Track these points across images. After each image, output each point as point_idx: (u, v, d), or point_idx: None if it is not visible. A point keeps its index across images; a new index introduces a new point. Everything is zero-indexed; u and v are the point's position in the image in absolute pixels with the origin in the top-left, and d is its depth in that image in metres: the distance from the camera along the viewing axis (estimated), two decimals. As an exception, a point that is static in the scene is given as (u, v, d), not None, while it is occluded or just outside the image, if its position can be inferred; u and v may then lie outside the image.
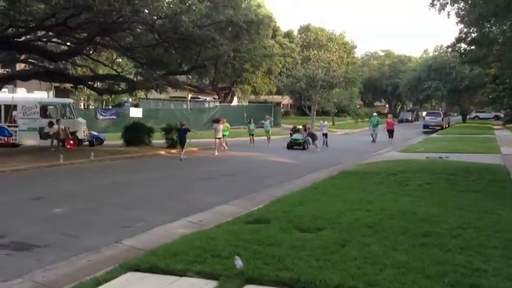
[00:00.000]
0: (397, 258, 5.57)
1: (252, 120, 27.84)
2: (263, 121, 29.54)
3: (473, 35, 21.78)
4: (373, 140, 28.97)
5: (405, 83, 59.25)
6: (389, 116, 32.84)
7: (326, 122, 27.60)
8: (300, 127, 26.35)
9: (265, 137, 27.43)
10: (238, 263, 5.38)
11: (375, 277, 4.99)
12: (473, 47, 23.72)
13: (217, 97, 50.42)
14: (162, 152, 21.78)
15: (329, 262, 5.47)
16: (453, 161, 16.00)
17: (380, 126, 30.15)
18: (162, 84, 22.73)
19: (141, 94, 38.99)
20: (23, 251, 6.71)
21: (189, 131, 19.76)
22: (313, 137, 24.32)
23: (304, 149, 23.90)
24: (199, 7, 17.83)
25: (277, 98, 61.21)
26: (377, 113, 35.10)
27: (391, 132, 29.19)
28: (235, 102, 55.40)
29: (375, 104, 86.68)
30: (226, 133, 24.21)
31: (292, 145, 24.41)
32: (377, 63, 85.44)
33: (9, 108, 21.83)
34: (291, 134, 25.90)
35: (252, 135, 26.78)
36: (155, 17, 17.68)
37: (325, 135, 26.43)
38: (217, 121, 23.76)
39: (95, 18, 15.88)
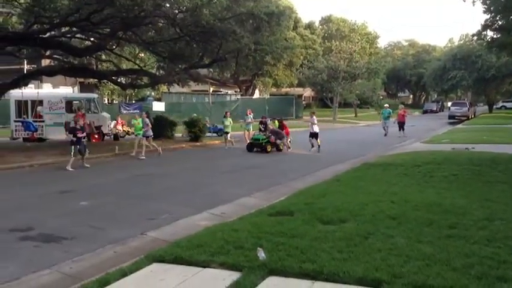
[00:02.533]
0: (422, 250, 5.51)
1: (228, 114, 22.45)
2: (246, 116, 24.49)
3: (499, 22, 21.25)
4: (386, 134, 26.79)
5: (430, 73, 58.09)
6: (401, 106, 29.61)
7: (315, 117, 20.26)
8: (269, 121, 20.68)
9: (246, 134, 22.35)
10: (261, 254, 5.40)
11: (399, 269, 4.94)
12: (500, 35, 23.15)
13: (238, 90, 50.46)
14: (185, 145, 21.94)
15: (352, 254, 5.45)
16: (479, 151, 15.68)
17: (392, 119, 27.89)
18: (184, 78, 22.85)
19: (164, 88, 39.28)
20: (51, 242, 6.87)
21: None
22: (278, 135, 19.52)
23: (265, 151, 18.93)
24: (220, 0, 17.83)
25: (298, 90, 60.88)
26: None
27: (401, 125, 26.60)
28: (256, 95, 55.34)
29: (399, 95, 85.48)
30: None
31: (252, 146, 19.62)
32: (400, 53, 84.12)
33: (35, 103, 22.28)
34: (260, 130, 20.69)
35: (227, 133, 21.72)
36: (176, 11, 17.74)
37: (315, 135, 19.64)
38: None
39: (118, 13, 16.03)
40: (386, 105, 31.77)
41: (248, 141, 20.52)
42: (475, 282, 4.61)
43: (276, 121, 20.97)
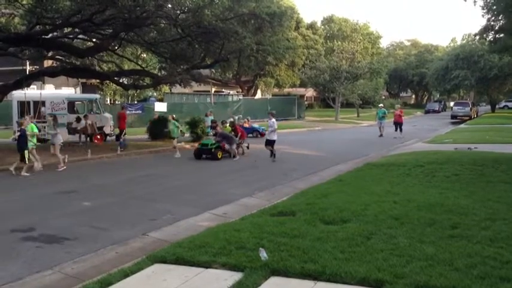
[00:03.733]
0: (424, 251, 5.50)
1: (174, 117, 19.60)
2: (205, 117, 22.59)
3: (501, 23, 21.21)
4: (381, 135, 25.99)
5: (432, 73, 57.92)
6: (397, 106, 28.68)
7: (274, 120, 16.89)
8: (220, 124, 18.53)
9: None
10: (263, 254, 5.40)
11: (401, 269, 4.93)
12: (501, 35, 23.09)
13: (240, 90, 50.47)
14: (187, 146, 21.94)
15: (354, 254, 5.44)
16: (482, 151, 15.65)
17: (386, 120, 27.06)
18: (186, 78, 22.83)
19: (166, 89, 39.33)
20: (53, 243, 6.87)
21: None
22: (228, 140, 17.29)
23: (214, 158, 16.75)
24: (222, 0, 17.84)
25: (300, 90, 60.87)
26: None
27: (398, 126, 25.59)
28: (258, 95, 55.34)
29: (401, 94, 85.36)
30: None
31: (200, 153, 17.30)
32: (403, 53, 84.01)
33: (38, 104, 22.31)
34: (214, 134, 18.38)
35: (174, 138, 18.82)
36: (178, 12, 17.75)
37: (271, 143, 16.55)
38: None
39: (120, 14, 16.04)
40: (380, 105, 30.86)
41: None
42: (478, 282, 4.60)
43: (227, 124, 19.10)
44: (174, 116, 19.92)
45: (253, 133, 26.56)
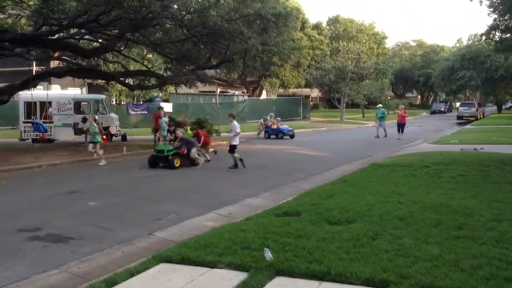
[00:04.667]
0: (429, 251, 5.49)
1: (96, 119, 16.92)
2: (159, 119, 19.40)
3: (507, 23, 21.12)
4: (377, 136, 25.38)
5: (438, 73, 57.73)
6: (401, 107, 27.21)
7: (236, 123, 15.13)
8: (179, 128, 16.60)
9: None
10: (268, 255, 5.41)
11: (406, 270, 4.92)
12: (508, 35, 22.99)
13: (246, 91, 50.52)
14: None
15: (359, 255, 5.44)
16: (488, 152, 15.58)
17: (385, 122, 26.30)
18: (192, 79, 22.89)
19: (171, 89, 39.48)
20: (59, 243, 6.91)
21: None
22: (190, 145, 15.33)
23: (171, 166, 14.73)
24: (227, 1, 17.87)
25: (306, 91, 60.82)
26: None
27: (401, 127, 24.72)
28: (263, 95, 55.36)
29: (407, 95, 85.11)
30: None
31: (155, 161, 15.17)
32: (408, 53, 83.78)
33: (44, 104, 22.44)
34: (174, 138, 16.26)
35: (95, 143, 16.12)
36: (184, 12, 17.80)
37: (232, 149, 14.86)
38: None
39: (126, 15, 16.11)
40: (379, 105, 30.27)
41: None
42: (483, 283, 4.58)
43: (189, 128, 17.32)
44: (96, 117, 17.38)
45: (278, 135, 26.32)
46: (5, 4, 16.68)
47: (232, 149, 14.84)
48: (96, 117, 17.29)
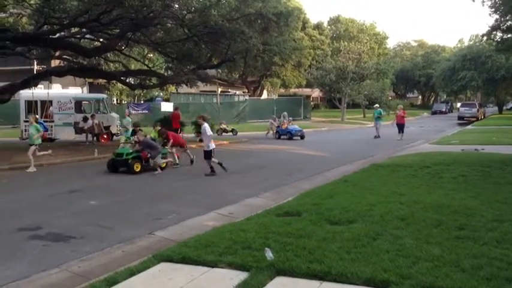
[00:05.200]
0: (430, 252, 5.48)
1: (38, 119, 16.24)
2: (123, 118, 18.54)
3: (509, 23, 21.11)
4: (376, 136, 25.21)
5: (439, 74, 57.71)
6: (400, 107, 26.58)
7: (207, 125, 13.68)
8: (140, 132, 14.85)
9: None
10: (269, 254, 5.40)
11: (407, 270, 4.92)
12: (509, 35, 22.97)
13: (246, 91, 50.53)
14: (193, 146, 21.97)
15: (360, 255, 5.43)
16: (489, 153, 15.57)
17: (381, 122, 26.27)
18: (192, 78, 22.91)
19: (172, 89, 39.46)
20: (60, 242, 6.91)
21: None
22: (152, 149, 13.97)
23: (131, 171, 13.58)
24: (228, 0, 17.88)
25: (306, 91, 60.85)
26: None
27: (400, 127, 24.49)
28: (264, 95, 55.39)
29: (408, 95, 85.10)
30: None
31: (114, 164, 14.04)
32: (409, 53, 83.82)
33: (45, 103, 22.45)
34: (135, 142, 14.66)
35: (32, 145, 14.44)
36: (185, 12, 17.81)
37: (208, 155, 13.41)
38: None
39: (127, 14, 16.12)
40: (376, 105, 30.14)
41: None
42: (484, 283, 4.58)
43: (156, 129, 15.83)
44: (37, 117, 16.72)
45: (286, 135, 26.24)
46: (6, 3, 16.70)
47: (207, 155, 13.36)
48: (43, 117, 17.01)
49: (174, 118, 22.09)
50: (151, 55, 27.30)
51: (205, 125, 13.56)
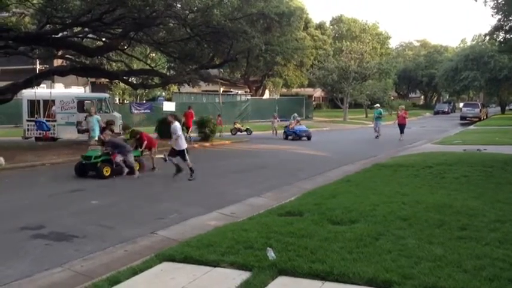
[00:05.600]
0: (432, 252, 5.47)
1: None
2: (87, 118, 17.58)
3: (511, 24, 21.07)
4: (376, 136, 25.19)
5: (441, 74, 57.59)
6: (401, 107, 26.70)
7: (177, 124, 12.84)
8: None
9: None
10: (271, 254, 5.40)
11: (409, 270, 4.91)
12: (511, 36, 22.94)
13: (248, 90, 50.53)
14: (195, 145, 22.00)
15: (362, 255, 5.43)
16: (491, 153, 15.54)
17: (381, 122, 26.10)
18: (195, 78, 22.93)
19: (174, 88, 39.49)
20: (62, 241, 6.92)
21: None
22: (121, 149, 12.92)
23: (101, 176, 12.51)
24: (231, 0, 17.88)
25: (308, 90, 60.83)
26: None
27: (401, 127, 24.29)
28: (266, 95, 55.38)
29: (410, 95, 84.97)
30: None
31: (82, 168, 13.01)
32: (412, 53, 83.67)
33: (48, 103, 22.48)
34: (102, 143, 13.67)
35: None
36: (187, 11, 17.81)
37: (180, 154, 12.57)
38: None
39: (129, 14, 16.13)
40: (377, 105, 29.75)
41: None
42: (487, 284, 4.57)
43: (128, 134, 14.97)
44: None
45: (291, 135, 26.10)
46: (9, 2, 16.71)
47: (178, 153, 12.49)
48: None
49: (188, 117, 22.54)
50: (154, 55, 27.33)
51: (176, 124, 12.72)
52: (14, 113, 27.42)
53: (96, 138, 15.65)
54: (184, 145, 12.58)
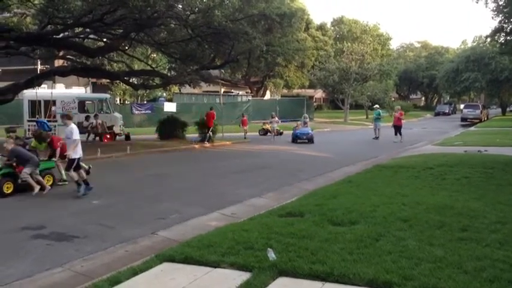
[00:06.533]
0: (433, 253, 5.47)
1: None
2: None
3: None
4: (376, 137, 24.89)
5: (442, 75, 57.54)
6: (397, 108, 26.10)
7: (73, 126, 10.55)
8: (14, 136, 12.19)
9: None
10: (271, 255, 5.40)
11: (410, 271, 4.91)
12: (512, 37, 22.95)
13: (249, 91, 50.53)
14: (196, 146, 22.01)
15: (363, 256, 5.43)
16: (492, 154, 15.53)
17: (380, 123, 25.74)
18: (196, 78, 22.96)
19: (175, 89, 39.50)
20: (63, 241, 6.93)
21: None
22: (24, 160, 10.47)
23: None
24: (232, 1, 17.89)
25: (309, 91, 60.81)
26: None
27: (397, 129, 23.85)
28: (267, 96, 55.37)
29: (411, 96, 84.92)
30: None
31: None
32: (413, 54, 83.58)
33: (49, 103, 22.51)
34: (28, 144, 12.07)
35: None
36: (188, 12, 17.83)
37: (70, 164, 10.43)
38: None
39: (130, 14, 16.14)
40: (376, 106, 29.23)
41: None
42: (487, 285, 4.57)
43: (36, 139, 12.31)
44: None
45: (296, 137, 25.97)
46: (10, 3, 16.74)
47: (70, 164, 10.38)
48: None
49: (209, 117, 22.89)
50: (155, 55, 27.33)
51: (72, 126, 10.53)
52: (15, 114, 27.43)
53: None
54: (79, 154, 10.50)
